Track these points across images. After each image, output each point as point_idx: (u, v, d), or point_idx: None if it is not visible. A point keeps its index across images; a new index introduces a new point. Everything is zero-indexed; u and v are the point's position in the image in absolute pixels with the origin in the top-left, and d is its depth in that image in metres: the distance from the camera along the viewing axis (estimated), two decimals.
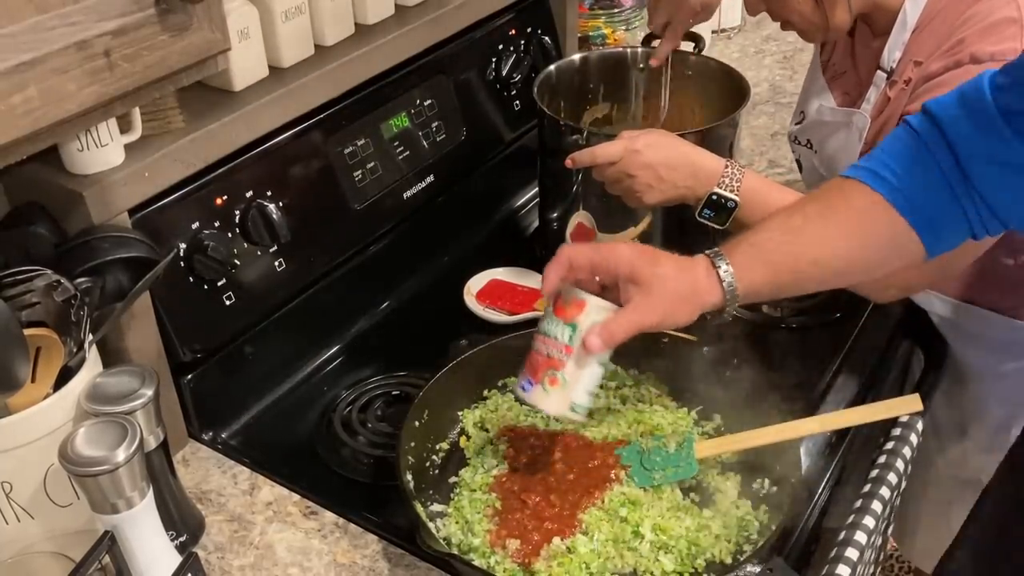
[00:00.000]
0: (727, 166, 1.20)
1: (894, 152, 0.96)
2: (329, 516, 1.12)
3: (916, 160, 0.94)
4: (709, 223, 1.22)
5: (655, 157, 1.22)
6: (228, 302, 1.19)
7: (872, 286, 1.21)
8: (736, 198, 1.19)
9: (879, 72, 1.26)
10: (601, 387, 1.23)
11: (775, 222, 1.00)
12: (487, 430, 1.17)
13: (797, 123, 1.45)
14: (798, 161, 1.48)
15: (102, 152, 1.02)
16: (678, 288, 0.97)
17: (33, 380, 0.90)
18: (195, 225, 1.14)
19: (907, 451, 1.23)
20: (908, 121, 0.96)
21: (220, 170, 1.16)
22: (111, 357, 1.07)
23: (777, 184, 1.26)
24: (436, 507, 1.08)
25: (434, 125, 1.46)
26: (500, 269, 1.47)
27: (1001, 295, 1.34)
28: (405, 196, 1.42)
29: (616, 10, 2.10)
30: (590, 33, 2.05)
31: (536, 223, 1.62)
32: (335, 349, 1.37)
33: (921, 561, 1.69)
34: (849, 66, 1.36)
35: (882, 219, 0.94)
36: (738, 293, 0.96)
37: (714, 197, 1.20)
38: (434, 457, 1.14)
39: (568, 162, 1.29)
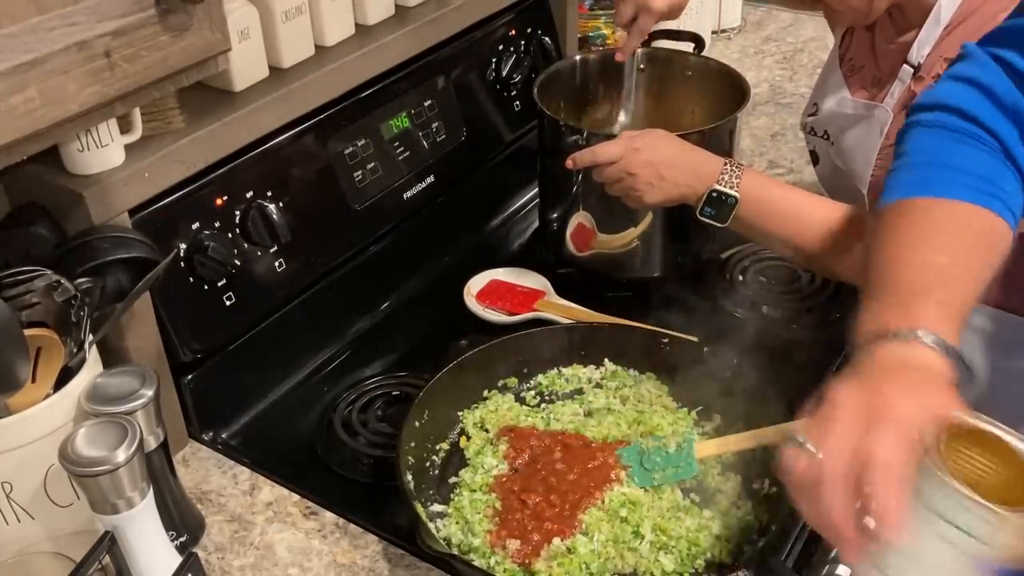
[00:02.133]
0: (726, 163, 1.21)
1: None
2: (329, 516, 1.12)
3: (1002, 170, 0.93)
4: (710, 221, 1.22)
5: (655, 155, 1.22)
6: (228, 302, 1.19)
7: None
8: (736, 194, 1.19)
9: (905, 67, 1.25)
10: (600, 387, 1.24)
11: (931, 274, 0.90)
12: (487, 430, 1.17)
13: (811, 115, 1.44)
14: (812, 152, 1.47)
15: (102, 152, 1.02)
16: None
17: (33, 380, 0.90)
18: (195, 225, 1.14)
19: None
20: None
21: (220, 170, 1.16)
22: (111, 357, 1.07)
23: (777, 180, 1.26)
24: (436, 507, 1.08)
25: (434, 125, 1.46)
26: (500, 269, 1.47)
27: (1007, 293, 1.34)
28: (405, 196, 1.42)
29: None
30: (590, 33, 2.05)
31: (536, 223, 1.62)
32: (335, 349, 1.37)
33: None
34: (868, 61, 1.35)
35: (1006, 240, 0.95)
36: (951, 350, 0.85)
37: (714, 194, 1.20)
38: (434, 457, 1.14)
39: (569, 163, 1.29)
